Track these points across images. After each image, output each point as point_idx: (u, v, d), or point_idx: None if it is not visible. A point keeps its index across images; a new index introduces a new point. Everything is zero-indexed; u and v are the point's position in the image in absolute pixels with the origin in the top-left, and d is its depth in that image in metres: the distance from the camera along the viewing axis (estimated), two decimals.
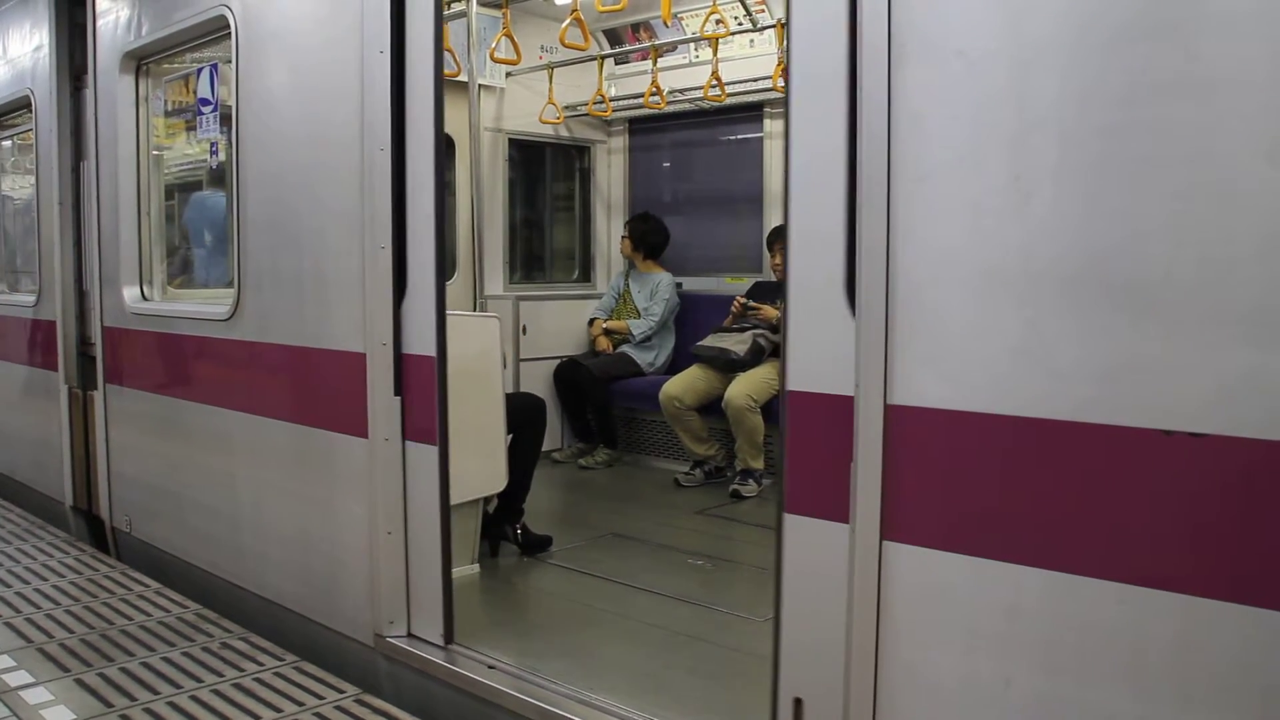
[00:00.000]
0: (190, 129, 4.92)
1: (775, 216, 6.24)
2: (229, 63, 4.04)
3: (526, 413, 4.62)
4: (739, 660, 3.38)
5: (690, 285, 6.86)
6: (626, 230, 6.82)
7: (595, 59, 6.50)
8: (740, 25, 5.93)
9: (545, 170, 7.44)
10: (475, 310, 6.32)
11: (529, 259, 7.50)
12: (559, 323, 6.86)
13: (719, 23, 5.78)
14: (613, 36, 6.80)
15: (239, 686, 3.41)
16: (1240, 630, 1.71)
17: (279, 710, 3.24)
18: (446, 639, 3.30)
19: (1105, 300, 1.83)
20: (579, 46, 5.70)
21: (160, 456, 4.77)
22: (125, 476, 5.06)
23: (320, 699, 3.32)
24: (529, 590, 4.36)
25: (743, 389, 5.53)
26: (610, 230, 7.35)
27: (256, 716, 3.20)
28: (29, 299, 6.00)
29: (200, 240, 5.52)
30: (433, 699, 3.31)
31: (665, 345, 6.72)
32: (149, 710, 3.23)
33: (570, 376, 6.55)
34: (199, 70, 4.56)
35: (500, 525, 4.55)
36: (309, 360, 3.73)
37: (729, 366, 5.75)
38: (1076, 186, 1.87)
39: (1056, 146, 1.90)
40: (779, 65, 5.32)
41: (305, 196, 3.72)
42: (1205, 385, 1.73)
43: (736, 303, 5.88)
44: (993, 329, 1.98)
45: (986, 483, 2.02)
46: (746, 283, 6.36)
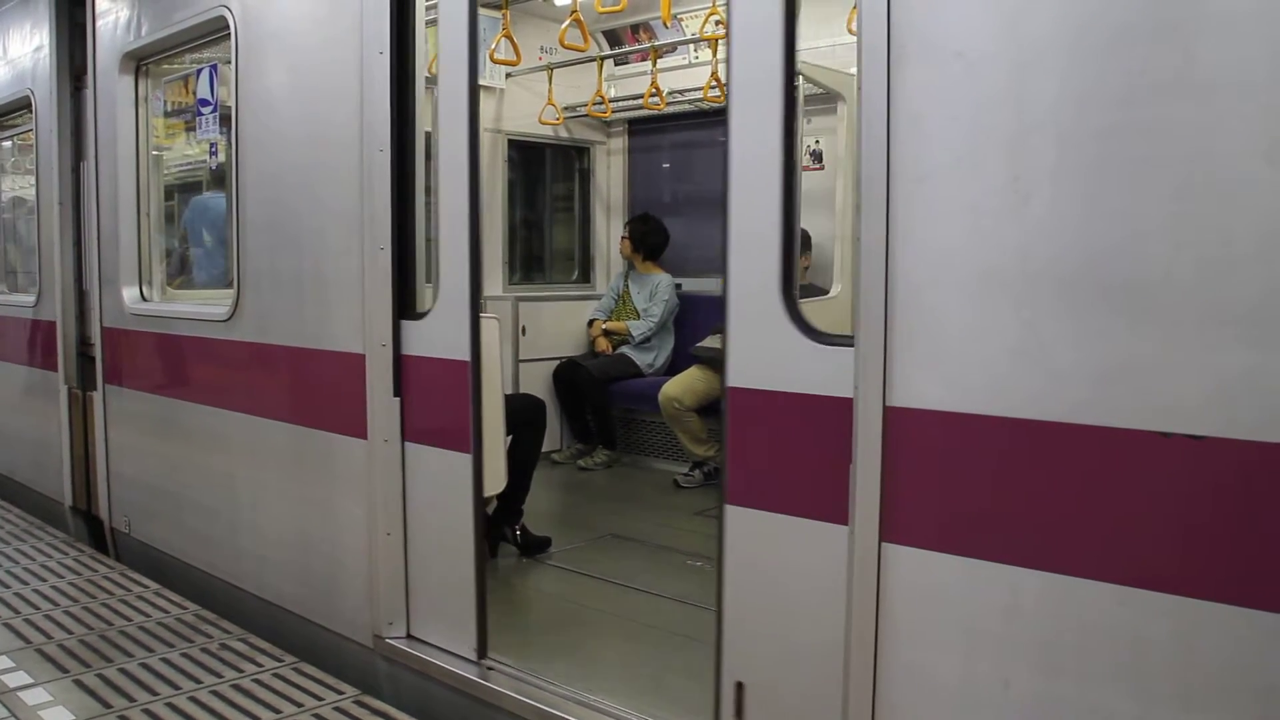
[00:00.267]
0: (190, 129, 4.93)
1: None
2: (228, 63, 4.04)
3: (526, 413, 4.62)
4: None
5: (689, 286, 6.86)
6: (626, 231, 6.82)
7: (595, 60, 6.50)
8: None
9: (545, 171, 7.44)
10: None
11: (528, 260, 7.49)
12: (558, 324, 6.87)
13: (719, 23, 5.78)
14: (612, 37, 6.80)
15: (238, 688, 3.41)
16: (1238, 631, 1.71)
17: (278, 711, 3.24)
18: (480, 653, 3.18)
19: (1104, 302, 1.83)
20: (579, 47, 5.69)
21: (159, 457, 4.76)
22: (124, 477, 5.06)
23: (319, 700, 3.32)
24: (528, 591, 4.35)
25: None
26: (609, 231, 7.35)
27: (255, 717, 3.20)
28: (29, 299, 6.00)
29: (199, 241, 5.52)
30: (431, 700, 3.30)
31: (664, 346, 6.72)
32: (148, 711, 3.22)
33: (569, 377, 6.55)
34: (198, 71, 4.56)
35: (499, 526, 4.55)
36: (308, 361, 3.73)
37: None
38: (1075, 188, 1.87)
39: (1055, 148, 1.89)
40: None
41: (304, 197, 3.72)
42: (1204, 387, 1.73)
43: None
44: (991, 330, 1.98)
45: (985, 484, 2.02)
46: None
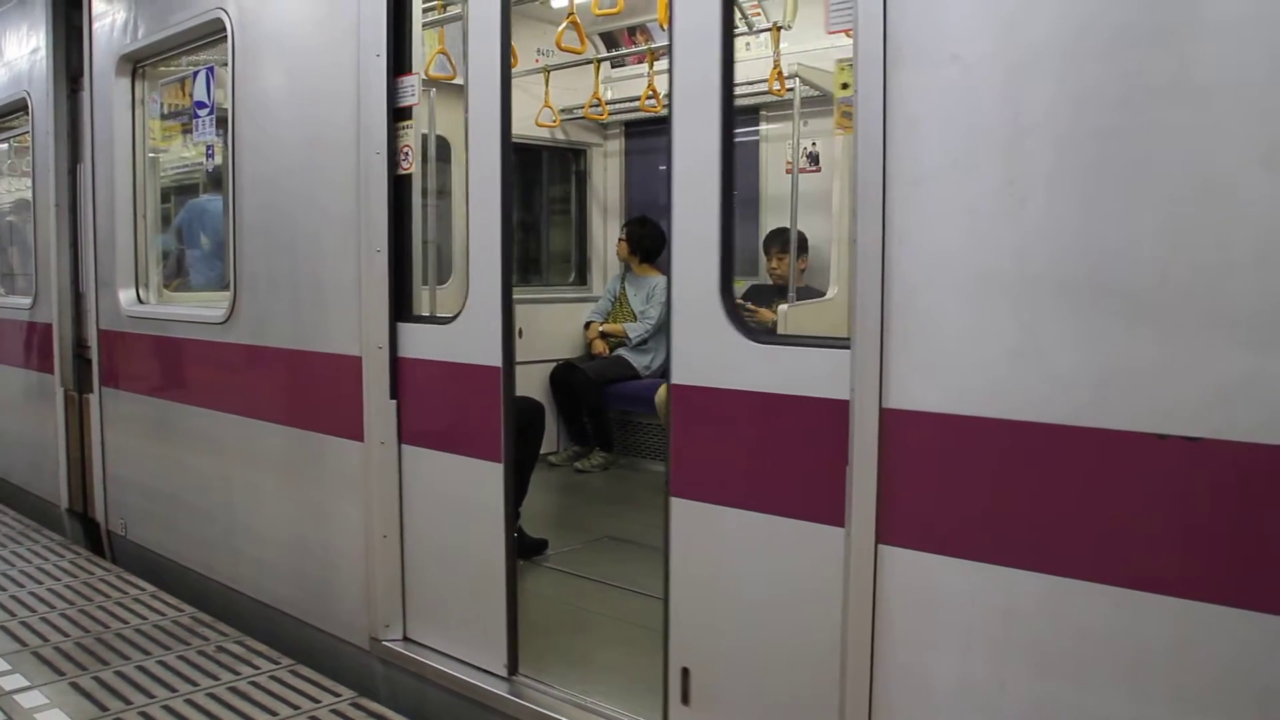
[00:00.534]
0: (187, 132, 4.92)
1: (772, 220, 6.24)
2: (225, 66, 4.04)
3: (524, 416, 4.60)
4: None
5: None
6: (623, 233, 6.82)
7: (591, 62, 6.50)
8: (736, 29, 5.93)
9: (541, 173, 7.43)
10: None
11: (525, 262, 7.49)
12: (555, 326, 6.86)
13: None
14: (609, 40, 6.80)
15: (234, 690, 3.41)
16: (1236, 633, 1.71)
17: (274, 713, 3.24)
18: (511, 669, 3.10)
19: (1100, 304, 1.83)
20: (575, 50, 5.69)
21: (156, 460, 4.76)
22: (121, 480, 5.05)
23: (316, 702, 3.32)
24: (524, 594, 4.33)
25: None
26: (606, 233, 7.34)
27: None
28: (25, 301, 5.99)
29: (196, 243, 5.52)
30: (427, 702, 3.30)
31: (661, 348, 6.71)
32: (144, 714, 3.22)
33: (566, 379, 6.54)
34: (195, 73, 4.56)
35: None
36: (305, 363, 3.73)
37: None
38: (1072, 191, 1.87)
39: (1051, 151, 1.90)
40: (775, 68, 5.32)
41: (301, 200, 3.71)
42: (1200, 389, 1.74)
43: None
44: (988, 333, 1.98)
45: (982, 486, 2.02)
46: (743, 286, 6.36)
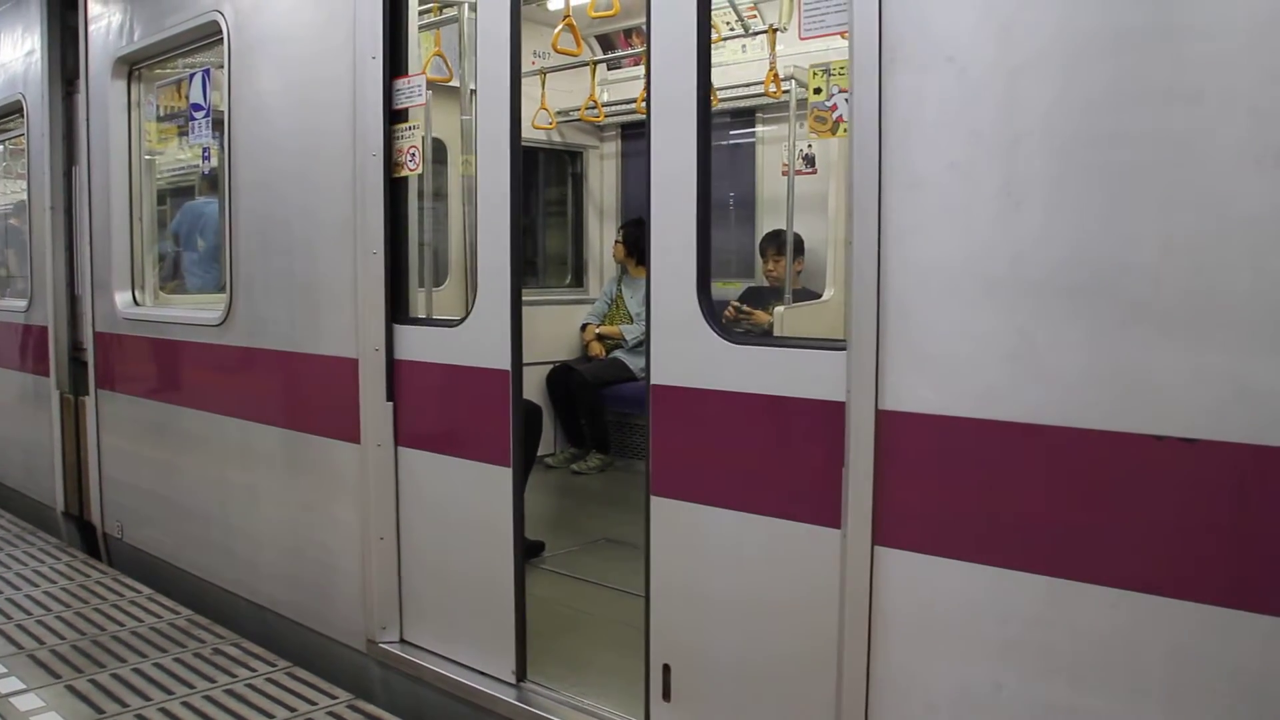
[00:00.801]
0: (183, 134, 4.92)
1: (768, 222, 6.24)
2: (221, 68, 4.04)
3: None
4: None
5: None
6: (620, 235, 6.82)
7: (588, 64, 6.50)
8: (733, 31, 5.94)
9: (538, 176, 7.43)
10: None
11: (522, 264, 7.48)
12: (552, 328, 6.86)
13: (711, 28, 5.79)
14: (605, 42, 6.81)
15: (231, 692, 3.41)
16: (1234, 635, 1.72)
17: (271, 716, 3.24)
18: (519, 676, 3.10)
19: (1096, 306, 1.84)
20: (571, 52, 5.69)
21: (152, 462, 4.75)
22: (117, 482, 5.05)
23: (313, 704, 3.32)
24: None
25: None
26: (603, 235, 7.35)
27: None
28: (20, 304, 5.98)
29: (192, 246, 5.51)
30: (425, 705, 3.30)
31: None
32: (140, 716, 3.22)
33: (563, 381, 6.54)
34: (191, 75, 4.56)
35: None
36: (301, 366, 3.73)
37: None
38: (1067, 194, 1.88)
39: (1047, 154, 1.91)
40: (771, 70, 5.33)
41: (298, 202, 3.71)
42: (1196, 391, 1.74)
43: (730, 308, 5.88)
44: (983, 335, 1.99)
45: (978, 488, 2.02)
46: (740, 288, 6.36)
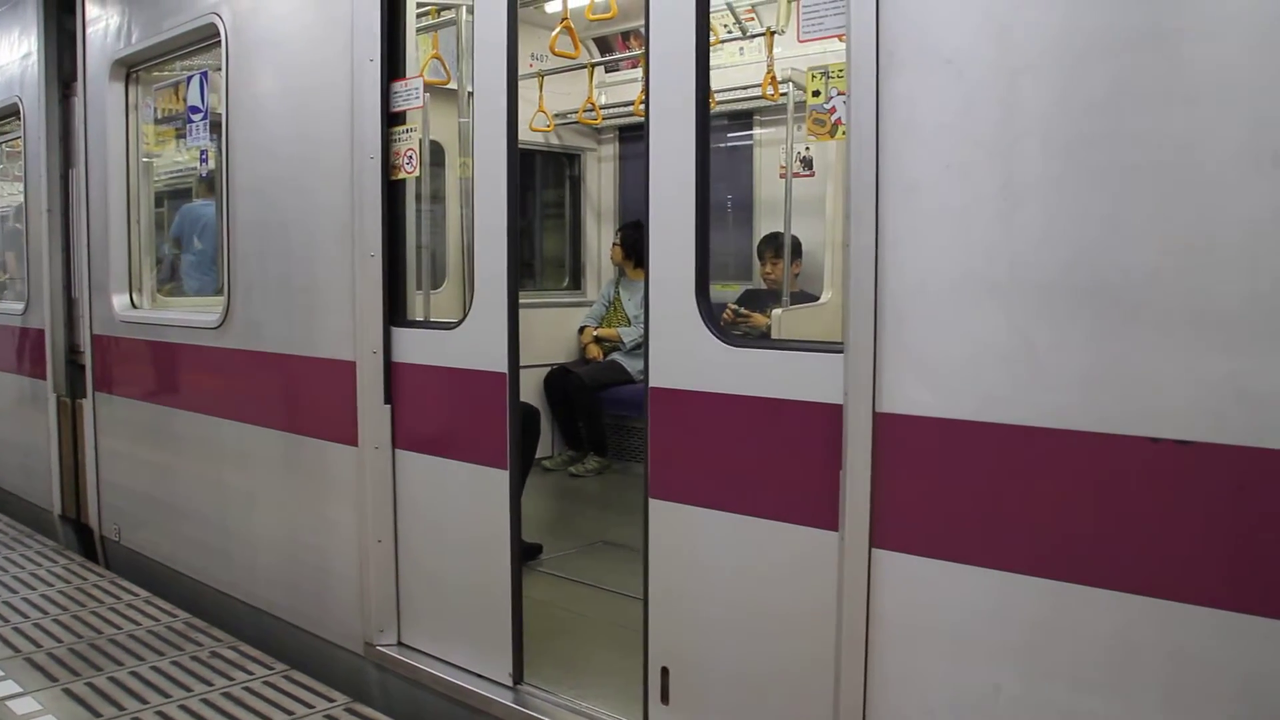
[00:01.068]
0: (180, 136, 4.92)
1: (766, 224, 6.25)
2: (219, 70, 4.04)
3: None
4: None
5: None
6: (618, 238, 6.82)
7: (585, 67, 6.51)
8: (730, 33, 5.94)
9: (536, 178, 7.44)
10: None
11: (519, 266, 7.47)
12: (549, 330, 6.86)
13: (710, 32, 5.79)
14: (603, 44, 6.81)
15: (228, 695, 3.40)
16: (1228, 635, 1.72)
17: (268, 719, 3.23)
18: (516, 679, 3.08)
19: (1092, 307, 1.84)
20: (569, 55, 5.70)
21: (149, 465, 4.75)
22: (114, 485, 5.04)
23: (310, 708, 3.31)
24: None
25: None
26: (600, 238, 7.35)
27: None
28: (17, 307, 5.97)
29: (189, 248, 5.51)
30: (423, 707, 3.30)
31: None
32: None
33: (560, 384, 6.54)
34: (189, 78, 4.56)
35: None
36: (299, 368, 3.72)
37: None
38: (1064, 194, 1.88)
39: (1044, 155, 1.91)
40: (769, 73, 5.33)
41: (295, 204, 3.71)
42: (1192, 393, 1.74)
43: (728, 310, 5.88)
44: (981, 338, 1.99)
45: (975, 491, 2.02)
46: (737, 290, 6.37)
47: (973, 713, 2.03)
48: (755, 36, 5.85)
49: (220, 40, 3.96)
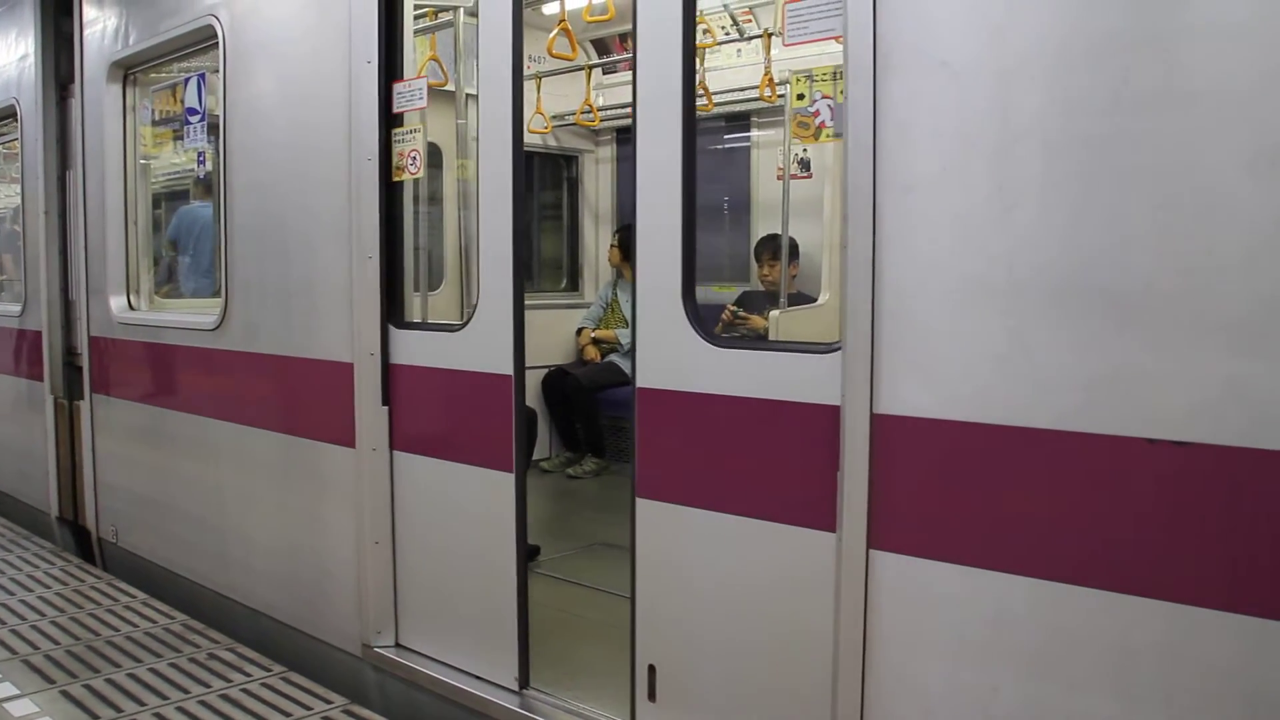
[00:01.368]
0: (178, 138, 4.92)
1: (763, 226, 6.25)
2: (217, 72, 4.04)
3: None
4: None
5: None
6: (616, 240, 6.82)
7: (583, 69, 6.51)
8: (727, 35, 5.95)
9: (533, 180, 7.44)
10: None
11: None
12: (547, 332, 6.85)
13: (706, 33, 5.80)
14: (600, 46, 6.81)
15: (226, 697, 3.40)
16: (1225, 637, 1.72)
17: None
18: (522, 683, 3.06)
19: (1089, 309, 1.85)
20: (566, 56, 5.70)
21: (147, 466, 4.74)
22: (111, 487, 5.04)
23: (307, 709, 3.31)
24: None
25: None
26: (598, 239, 7.35)
27: None
28: (14, 309, 5.97)
29: (187, 250, 5.51)
30: (421, 709, 3.30)
31: None
32: None
33: (558, 386, 6.54)
34: (186, 80, 4.56)
35: None
36: (296, 370, 3.72)
37: None
38: (1061, 196, 1.88)
39: (1040, 157, 1.91)
40: (766, 75, 5.34)
41: (293, 206, 3.71)
42: (1188, 394, 1.75)
43: (727, 312, 5.88)
44: (978, 338, 1.99)
45: (972, 491, 2.03)
46: (735, 292, 6.36)
47: (971, 712, 2.04)
48: (753, 38, 5.86)
49: (218, 42, 3.96)
